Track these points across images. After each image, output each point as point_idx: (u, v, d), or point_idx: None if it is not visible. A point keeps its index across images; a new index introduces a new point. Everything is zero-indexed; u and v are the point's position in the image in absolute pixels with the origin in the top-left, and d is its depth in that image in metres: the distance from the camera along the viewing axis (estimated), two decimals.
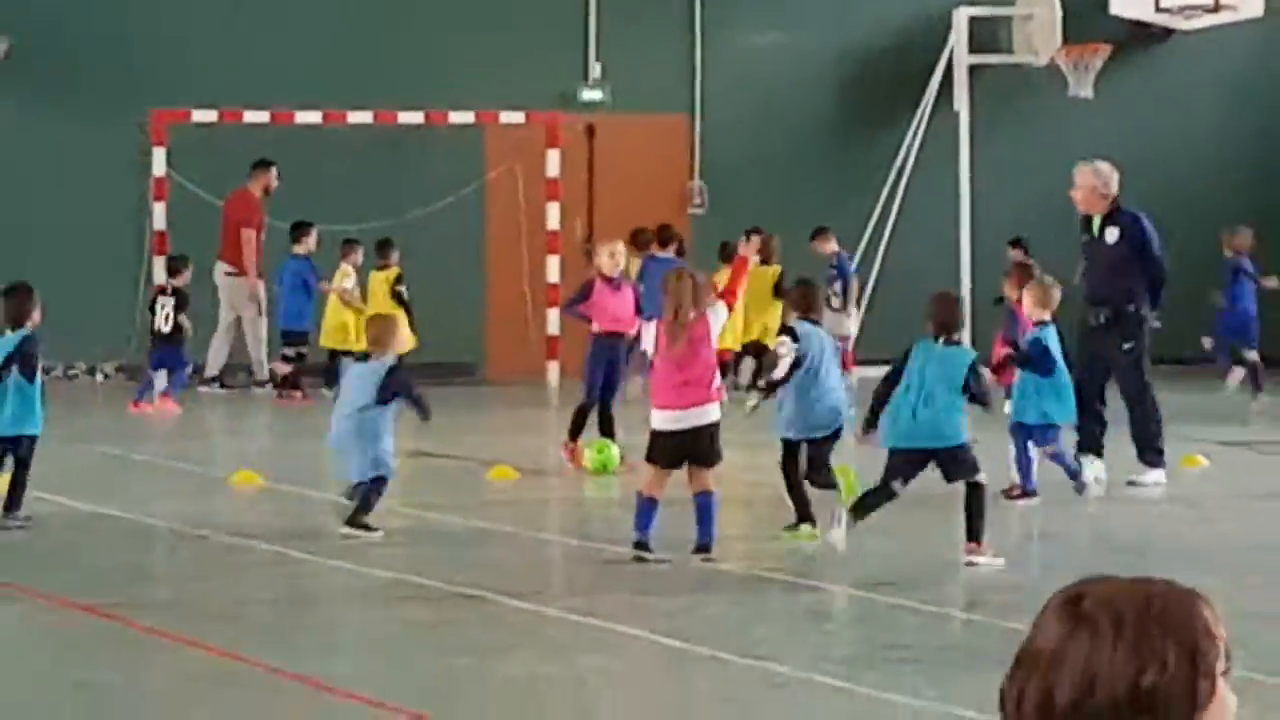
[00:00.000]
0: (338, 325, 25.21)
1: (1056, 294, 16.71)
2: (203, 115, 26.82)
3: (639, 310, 19.85)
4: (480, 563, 13.64)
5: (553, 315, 26.67)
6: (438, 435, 20.27)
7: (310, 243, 25.32)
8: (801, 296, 15.91)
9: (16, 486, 14.84)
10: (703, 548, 13.40)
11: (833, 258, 26.63)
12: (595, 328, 19.46)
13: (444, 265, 26.42)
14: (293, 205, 26.33)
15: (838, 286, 26.40)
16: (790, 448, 14.50)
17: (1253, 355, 24.13)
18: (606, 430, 18.41)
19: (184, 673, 10.80)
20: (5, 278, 26.35)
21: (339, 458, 15.01)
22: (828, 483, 14.55)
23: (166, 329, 23.63)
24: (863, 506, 13.72)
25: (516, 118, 27.70)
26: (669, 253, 24.97)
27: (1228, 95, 30.37)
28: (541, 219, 27.32)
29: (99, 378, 27.14)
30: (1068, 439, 17.36)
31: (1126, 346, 17.83)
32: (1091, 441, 17.92)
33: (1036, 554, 14.31)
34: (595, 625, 11.62)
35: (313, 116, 27.03)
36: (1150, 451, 17.48)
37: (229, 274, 25.88)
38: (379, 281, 25.18)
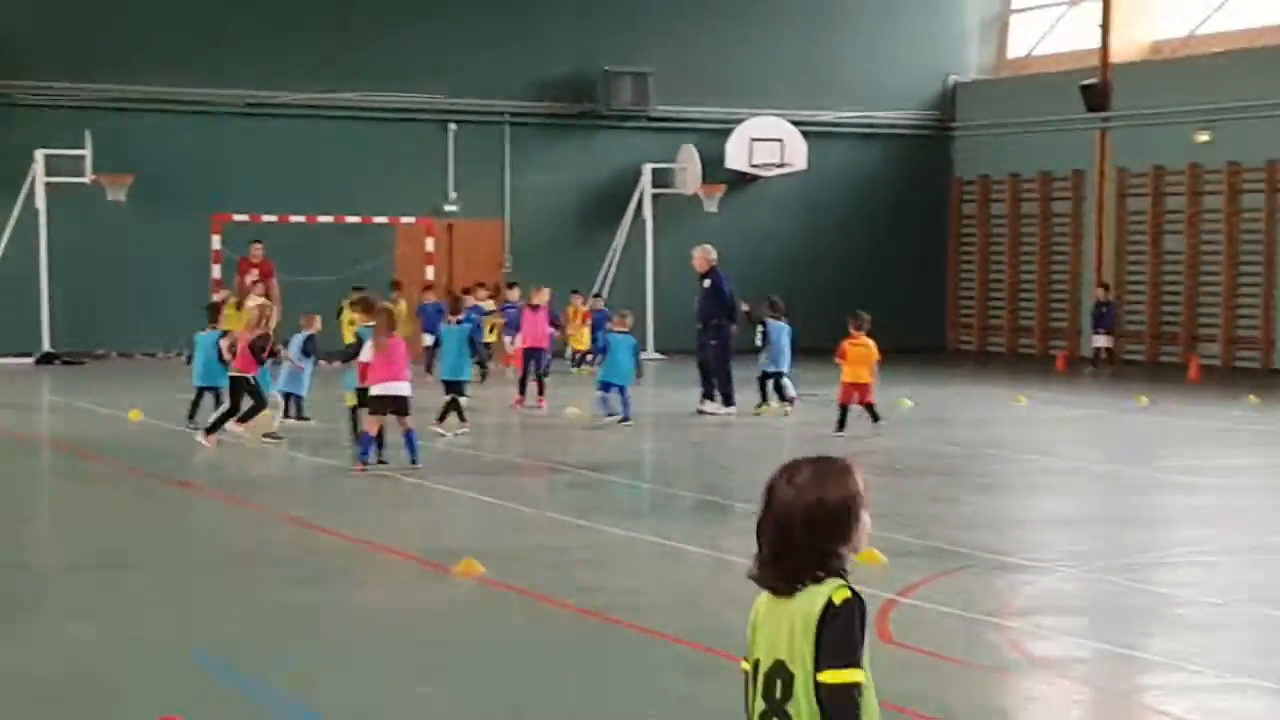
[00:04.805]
0: None
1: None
2: (240, 217, 28.51)
3: (554, 324, 21.12)
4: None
5: (428, 337, 25.97)
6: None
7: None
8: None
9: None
10: (413, 460, 14.31)
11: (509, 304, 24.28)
12: (519, 343, 20.37)
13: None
14: (289, 267, 27.87)
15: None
16: None
17: None
18: None
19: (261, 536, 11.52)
20: (131, 313, 28.45)
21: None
22: None
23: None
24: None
25: (410, 220, 29.55)
26: (430, 297, 25.87)
27: (787, 211, 32.52)
28: (423, 273, 28.96)
29: (182, 356, 25.86)
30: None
31: (714, 343, 19.99)
32: (709, 391, 20.10)
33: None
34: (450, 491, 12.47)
35: (299, 218, 28.75)
36: (724, 398, 19.77)
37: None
38: (347, 319, 23.06)
